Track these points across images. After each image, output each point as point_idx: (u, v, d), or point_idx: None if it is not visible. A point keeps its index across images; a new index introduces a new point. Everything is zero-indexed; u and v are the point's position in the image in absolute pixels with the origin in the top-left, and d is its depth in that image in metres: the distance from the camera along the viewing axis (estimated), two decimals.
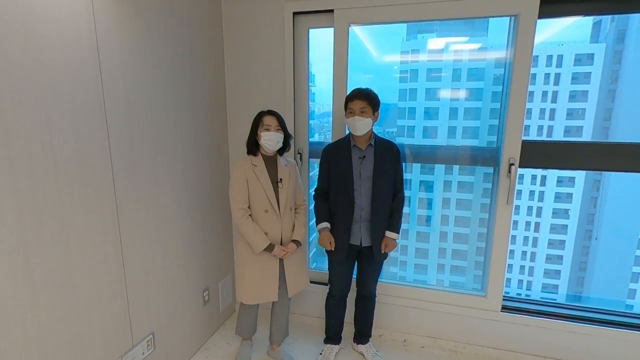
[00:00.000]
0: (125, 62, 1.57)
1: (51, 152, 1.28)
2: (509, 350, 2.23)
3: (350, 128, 1.89)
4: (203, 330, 2.32)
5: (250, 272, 1.94)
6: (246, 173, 1.87)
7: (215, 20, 2.25)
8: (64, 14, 1.29)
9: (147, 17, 1.68)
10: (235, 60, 2.36)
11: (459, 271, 3.46)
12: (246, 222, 1.86)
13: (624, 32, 6.22)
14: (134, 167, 1.65)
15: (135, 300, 1.73)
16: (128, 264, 1.66)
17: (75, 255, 1.40)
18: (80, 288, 1.44)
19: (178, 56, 1.91)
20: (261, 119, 1.88)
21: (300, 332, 2.45)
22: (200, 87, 2.12)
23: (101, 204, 1.50)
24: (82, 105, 1.38)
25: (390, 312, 2.40)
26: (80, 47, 1.36)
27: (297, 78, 2.30)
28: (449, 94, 3.00)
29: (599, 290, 6.03)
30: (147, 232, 1.77)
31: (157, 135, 1.79)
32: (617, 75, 6.39)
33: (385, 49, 2.74)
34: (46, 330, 1.32)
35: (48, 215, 1.29)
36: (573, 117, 6.97)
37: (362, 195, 1.91)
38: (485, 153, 2.23)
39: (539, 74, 7.03)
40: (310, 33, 2.27)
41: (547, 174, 7.40)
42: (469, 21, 2.28)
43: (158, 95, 1.78)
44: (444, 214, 3.34)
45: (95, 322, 1.52)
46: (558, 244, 7.48)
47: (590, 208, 6.58)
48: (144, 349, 1.80)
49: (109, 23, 1.48)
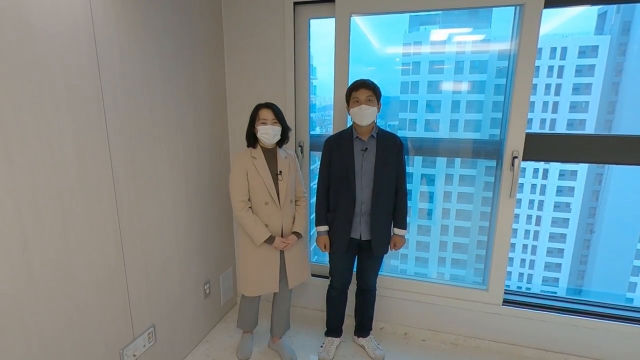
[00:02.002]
0: (123, 53, 1.55)
1: (49, 146, 1.26)
2: (510, 344, 2.23)
3: (355, 118, 1.86)
4: (204, 323, 2.32)
5: (251, 265, 1.94)
6: (246, 166, 1.86)
7: (215, 11, 2.22)
8: (61, 5, 1.27)
9: (145, 8, 1.65)
10: (235, 51, 2.33)
11: (460, 264, 3.46)
12: (246, 215, 1.85)
13: (629, 24, 6.14)
14: (133, 160, 1.64)
15: (136, 293, 1.73)
16: (128, 256, 1.66)
17: (75, 248, 1.40)
18: (80, 281, 1.43)
19: (177, 48, 1.88)
20: (257, 112, 1.86)
21: (301, 325, 2.45)
22: (200, 79, 2.10)
23: (100, 197, 1.49)
24: (80, 98, 1.37)
25: (391, 305, 2.40)
26: (78, 38, 1.34)
27: (297, 70, 2.27)
28: (451, 86, 2.97)
29: (600, 284, 6.04)
30: (147, 224, 1.76)
31: (157, 127, 1.78)
32: (621, 68, 6.33)
33: (388, 40, 2.70)
34: (46, 324, 1.32)
35: (47, 209, 1.28)
36: (576, 110, 6.91)
37: (364, 189, 1.89)
38: (488, 146, 2.21)
39: (542, 67, 6.95)
40: (312, 24, 2.24)
41: (549, 167, 7.37)
42: (473, 12, 2.24)
43: (157, 88, 1.76)
44: (445, 207, 3.33)
45: (96, 316, 1.52)
46: (559, 237, 7.48)
47: (592, 201, 6.56)
48: (145, 342, 1.80)
49: (107, 14, 1.45)
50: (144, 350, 1.80)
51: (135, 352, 1.74)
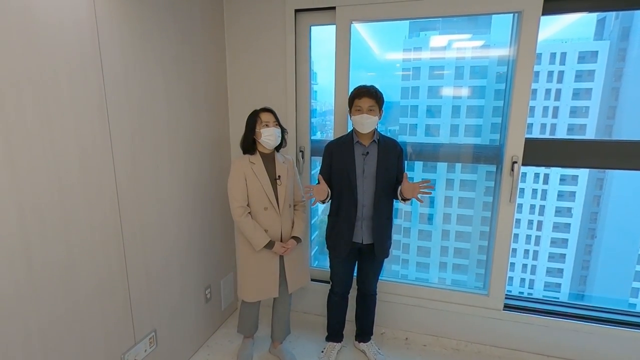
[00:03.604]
0: (126, 56, 1.57)
1: (52, 149, 1.28)
2: (511, 349, 2.23)
3: (356, 125, 1.88)
4: (205, 328, 2.32)
5: (251, 270, 1.94)
6: (244, 171, 1.87)
7: (217, 16, 2.25)
8: (64, 7, 1.29)
9: (148, 12, 1.67)
10: (237, 56, 2.36)
11: (461, 269, 3.45)
12: (246, 220, 1.86)
13: (628, 30, 6.17)
14: (135, 163, 1.65)
15: (137, 297, 1.73)
16: (129, 260, 1.67)
17: (77, 252, 1.41)
18: (81, 285, 1.44)
19: (180, 53, 1.90)
20: (258, 116, 1.87)
21: (302, 330, 2.45)
22: (202, 83, 2.12)
23: (103, 201, 1.50)
24: (83, 101, 1.38)
25: (392, 311, 2.40)
26: (81, 40, 1.36)
27: (298, 75, 2.29)
28: (451, 91, 2.99)
29: (602, 289, 6.00)
30: (149, 228, 1.77)
31: (159, 131, 1.79)
32: (621, 73, 6.34)
33: (388, 46, 2.72)
34: (47, 327, 1.32)
35: (49, 212, 1.29)
36: (576, 115, 6.92)
37: (365, 193, 1.90)
38: (488, 151, 2.22)
39: (542, 72, 6.97)
40: (313, 30, 2.26)
41: (550, 172, 7.36)
42: (472, 18, 2.27)
43: (160, 91, 1.78)
44: (446, 212, 3.33)
45: (97, 320, 1.53)
46: (561, 242, 7.45)
47: (594, 206, 6.55)
48: (147, 346, 1.81)
49: (110, 16, 1.47)
50: (145, 355, 1.80)
51: (137, 357, 1.74)
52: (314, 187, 1.85)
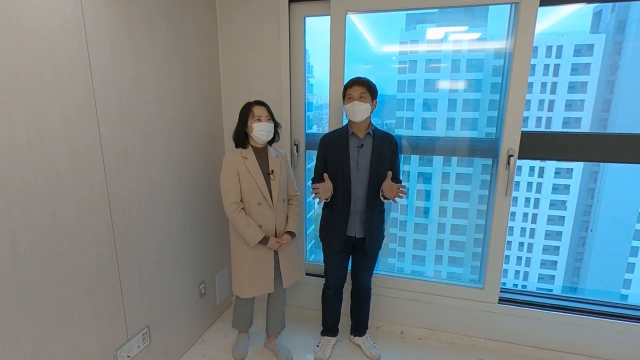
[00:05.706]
0: (115, 51, 1.53)
1: (39, 144, 1.25)
2: (506, 342, 2.24)
3: (348, 114, 1.86)
4: (200, 323, 2.31)
5: (246, 266, 1.92)
6: (237, 166, 1.84)
7: (209, 8, 2.20)
8: (50, 3, 1.25)
9: (138, 5, 1.63)
10: (230, 49, 2.31)
11: (457, 262, 3.46)
12: (239, 216, 1.84)
13: (624, 23, 6.16)
14: (125, 158, 1.62)
15: (130, 293, 1.71)
16: (121, 256, 1.64)
17: (66, 247, 1.38)
18: (72, 280, 1.42)
19: (170, 46, 1.86)
20: (251, 109, 1.84)
21: (297, 324, 2.45)
22: (194, 77, 2.08)
23: (92, 196, 1.47)
24: (71, 96, 1.35)
25: (387, 304, 2.40)
26: (68, 36, 1.32)
27: (293, 68, 2.26)
28: (447, 85, 2.97)
29: (595, 281, 6.07)
30: (141, 223, 1.75)
31: (150, 125, 1.76)
32: (616, 66, 6.34)
33: (384, 39, 2.69)
34: (37, 325, 1.30)
35: (36, 208, 1.26)
36: (572, 108, 6.92)
37: (358, 185, 1.89)
38: (484, 144, 2.21)
39: (538, 65, 6.96)
40: (308, 22, 2.22)
41: (545, 166, 7.39)
42: (469, 10, 2.24)
43: (150, 86, 1.74)
44: (442, 206, 3.34)
45: (89, 316, 1.51)
46: (555, 235, 7.51)
47: (588, 199, 6.59)
48: (140, 342, 1.79)
49: (97, 11, 1.43)
50: (138, 351, 1.78)
51: (130, 353, 1.73)
52: (320, 186, 1.83)
